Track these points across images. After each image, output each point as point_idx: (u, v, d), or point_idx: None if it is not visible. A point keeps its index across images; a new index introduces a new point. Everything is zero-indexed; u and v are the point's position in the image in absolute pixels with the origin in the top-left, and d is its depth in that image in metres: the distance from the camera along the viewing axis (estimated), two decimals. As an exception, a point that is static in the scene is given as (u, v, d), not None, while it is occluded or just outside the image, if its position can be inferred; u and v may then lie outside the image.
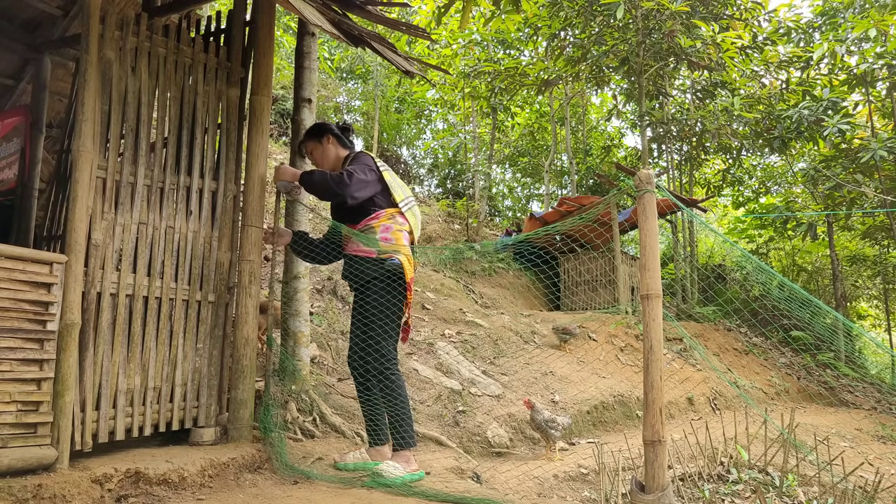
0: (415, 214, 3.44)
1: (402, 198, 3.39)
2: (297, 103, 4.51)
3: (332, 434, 4.01)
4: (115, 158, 3.13)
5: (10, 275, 2.55)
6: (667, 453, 2.65)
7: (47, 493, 2.42)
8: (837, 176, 9.80)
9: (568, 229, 10.37)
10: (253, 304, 3.52)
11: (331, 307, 5.93)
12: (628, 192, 2.83)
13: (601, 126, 16.67)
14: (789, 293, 7.83)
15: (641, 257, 2.61)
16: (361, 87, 16.38)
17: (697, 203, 10.63)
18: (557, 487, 3.77)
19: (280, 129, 12.42)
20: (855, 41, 9.47)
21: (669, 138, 11.43)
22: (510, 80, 11.92)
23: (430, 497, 2.97)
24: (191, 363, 3.35)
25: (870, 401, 8.53)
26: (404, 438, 3.21)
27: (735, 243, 11.85)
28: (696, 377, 7.17)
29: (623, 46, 10.07)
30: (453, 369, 5.58)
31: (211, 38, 3.79)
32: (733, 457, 4.05)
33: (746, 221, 15.36)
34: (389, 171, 3.44)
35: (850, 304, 15.61)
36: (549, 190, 15.27)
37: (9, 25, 5.20)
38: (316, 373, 4.72)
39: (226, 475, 3.03)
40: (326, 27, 3.24)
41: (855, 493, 3.35)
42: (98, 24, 3.03)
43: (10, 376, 2.52)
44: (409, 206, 3.42)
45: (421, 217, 3.55)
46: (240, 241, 3.59)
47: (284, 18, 12.55)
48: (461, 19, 6.21)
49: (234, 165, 3.67)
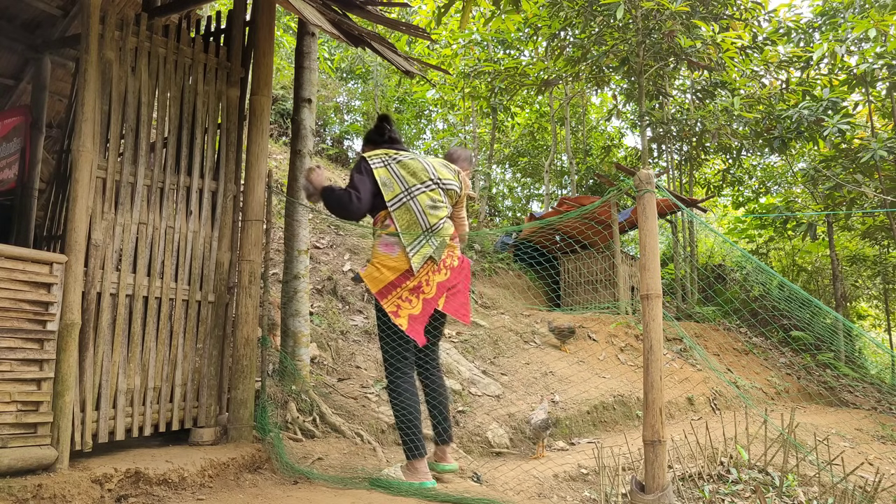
0: (409, 209, 3.12)
1: (392, 194, 3.13)
2: (297, 103, 4.51)
3: (332, 434, 4.01)
4: (115, 158, 3.13)
5: (10, 275, 2.55)
6: (667, 453, 2.65)
7: (47, 493, 2.42)
8: (837, 176, 9.80)
9: (568, 229, 10.37)
10: (253, 305, 3.52)
11: (331, 307, 5.93)
12: (628, 192, 2.83)
13: (601, 126, 16.66)
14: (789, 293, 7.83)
15: (641, 257, 2.61)
16: (361, 87, 16.38)
17: (697, 203, 10.62)
18: (557, 487, 3.77)
19: (280, 129, 12.41)
20: (855, 41, 9.46)
21: (669, 138, 11.43)
22: (510, 80, 11.91)
23: (431, 497, 2.97)
24: (191, 363, 3.35)
25: (870, 401, 8.53)
26: (407, 447, 3.12)
27: (735, 243, 11.85)
28: (696, 377, 7.17)
29: (623, 46, 10.07)
30: (453, 369, 5.58)
31: (211, 38, 3.79)
32: (733, 457, 4.05)
33: (746, 221, 15.35)
34: (389, 165, 3.19)
35: (850, 304, 15.61)
36: (549, 190, 15.26)
37: (9, 25, 5.20)
38: (316, 373, 4.72)
39: (226, 475, 3.03)
40: (326, 27, 3.24)
41: (855, 493, 3.36)
42: (98, 24, 3.03)
43: (10, 376, 2.52)
44: (400, 202, 3.13)
45: (434, 201, 3.20)
46: (240, 240, 3.60)
47: (284, 18, 12.54)
48: (461, 19, 6.21)
49: (234, 165, 3.67)
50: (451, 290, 3.19)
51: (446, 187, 3.26)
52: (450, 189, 3.28)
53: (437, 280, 3.12)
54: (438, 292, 3.13)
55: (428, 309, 3.10)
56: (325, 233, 7.80)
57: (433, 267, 3.11)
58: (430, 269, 3.11)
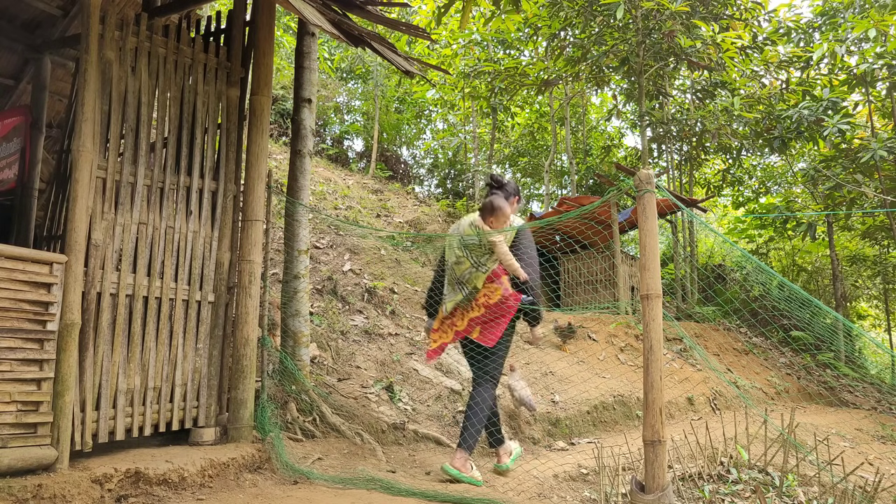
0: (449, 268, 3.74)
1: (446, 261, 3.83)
2: (297, 103, 4.51)
3: (332, 434, 4.01)
4: (115, 158, 3.13)
5: (10, 275, 2.55)
6: (667, 453, 2.65)
7: (47, 493, 2.42)
8: (837, 176, 9.80)
9: (568, 229, 10.37)
10: (253, 305, 3.52)
11: (331, 307, 5.93)
12: (628, 192, 2.83)
13: (601, 126, 16.66)
14: (789, 293, 7.83)
15: (641, 257, 2.61)
16: (361, 87, 16.37)
17: (697, 203, 10.62)
18: (557, 487, 3.77)
19: (280, 129, 12.41)
20: (855, 41, 9.46)
21: (669, 138, 11.43)
22: (510, 80, 11.91)
23: (430, 497, 2.97)
24: (191, 363, 3.35)
25: (870, 401, 8.53)
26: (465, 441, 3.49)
27: (735, 243, 11.84)
28: (696, 377, 7.17)
29: (623, 46, 10.07)
30: (453, 369, 5.58)
31: (211, 38, 3.79)
32: (733, 457, 4.05)
33: (746, 221, 15.35)
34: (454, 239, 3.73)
35: (850, 304, 15.61)
36: (549, 190, 15.26)
37: (9, 25, 5.20)
38: (316, 373, 4.72)
39: (226, 475, 3.03)
40: (326, 27, 3.24)
41: (855, 493, 3.35)
42: (98, 24, 3.03)
43: (10, 376, 2.52)
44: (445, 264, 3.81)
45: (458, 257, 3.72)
46: (240, 241, 3.60)
47: (284, 18, 12.54)
48: (461, 19, 6.21)
49: (234, 165, 3.67)
50: (485, 324, 3.64)
51: (465, 243, 3.68)
52: (469, 244, 3.68)
53: (470, 316, 3.67)
54: (470, 326, 3.66)
55: (457, 337, 3.72)
56: (325, 233, 7.80)
57: (467, 306, 3.68)
58: (464, 308, 3.69)
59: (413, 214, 10.57)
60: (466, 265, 3.64)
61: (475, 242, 3.64)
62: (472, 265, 3.64)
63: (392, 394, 4.81)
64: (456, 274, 3.68)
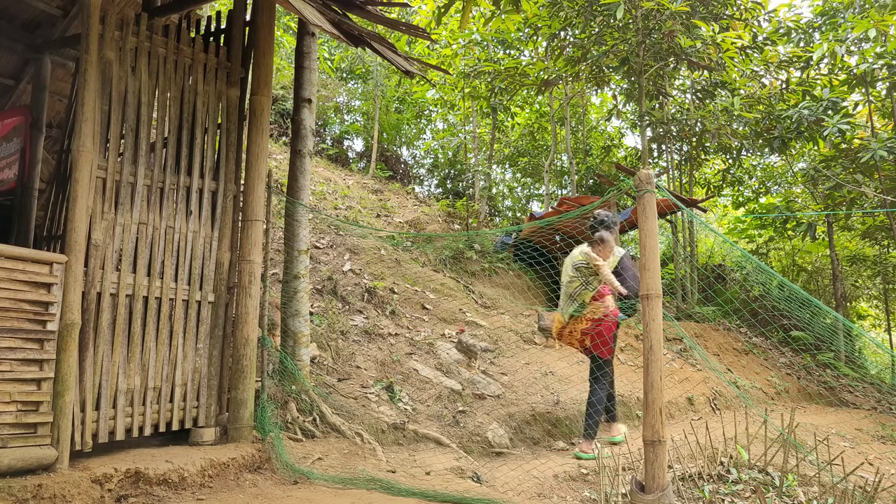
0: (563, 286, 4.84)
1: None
2: (297, 103, 4.51)
3: (332, 434, 4.01)
4: (115, 158, 3.13)
5: (10, 275, 2.55)
6: (667, 453, 2.65)
7: (47, 492, 2.42)
8: (837, 176, 9.79)
9: (568, 229, 10.37)
10: (253, 305, 3.52)
11: (331, 307, 5.93)
12: (628, 192, 2.83)
13: (601, 126, 16.66)
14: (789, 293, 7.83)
15: (641, 257, 2.61)
16: (361, 87, 16.37)
17: (697, 203, 10.62)
18: (557, 487, 3.77)
19: (280, 129, 12.41)
20: (855, 41, 9.46)
21: (669, 138, 11.43)
22: (510, 80, 11.90)
23: (430, 497, 2.97)
24: (191, 363, 3.35)
25: (870, 401, 8.53)
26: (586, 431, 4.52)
27: (735, 243, 11.84)
28: (696, 377, 7.17)
29: (623, 46, 10.07)
30: (453, 369, 5.58)
31: (211, 38, 3.79)
32: (733, 457, 4.05)
33: (746, 221, 15.35)
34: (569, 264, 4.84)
35: (850, 304, 15.60)
36: (549, 190, 15.25)
37: (9, 25, 5.20)
38: (316, 373, 4.72)
39: (226, 475, 3.03)
40: (326, 27, 3.24)
41: (855, 493, 3.35)
42: (98, 24, 3.03)
43: (10, 376, 2.52)
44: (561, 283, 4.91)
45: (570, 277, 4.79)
46: (240, 241, 3.60)
47: (284, 18, 12.54)
48: (461, 19, 6.21)
49: (234, 165, 3.67)
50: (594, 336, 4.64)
51: (576, 266, 4.73)
52: (579, 266, 4.71)
53: (580, 328, 4.69)
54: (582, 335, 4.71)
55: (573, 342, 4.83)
56: (325, 233, 7.80)
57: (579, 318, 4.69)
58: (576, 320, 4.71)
59: (413, 214, 10.58)
60: (577, 283, 4.69)
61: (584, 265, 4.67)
62: (582, 284, 4.66)
63: (392, 394, 4.81)
64: (569, 290, 4.74)
